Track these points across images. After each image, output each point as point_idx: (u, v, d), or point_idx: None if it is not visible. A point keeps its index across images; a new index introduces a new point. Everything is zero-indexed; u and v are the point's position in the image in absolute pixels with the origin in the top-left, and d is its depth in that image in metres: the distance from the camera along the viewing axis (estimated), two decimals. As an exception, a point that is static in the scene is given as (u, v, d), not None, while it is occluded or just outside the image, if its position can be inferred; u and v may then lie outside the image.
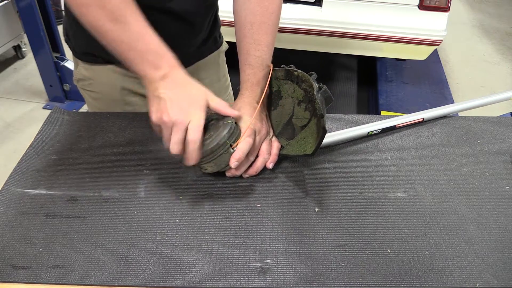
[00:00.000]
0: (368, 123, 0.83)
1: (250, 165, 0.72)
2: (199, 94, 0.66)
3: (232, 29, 0.81)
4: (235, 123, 0.69)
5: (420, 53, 2.13)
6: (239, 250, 0.61)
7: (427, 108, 0.88)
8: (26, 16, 2.23)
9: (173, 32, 0.85)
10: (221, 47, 1.04)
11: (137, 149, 0.79)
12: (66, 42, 0.93)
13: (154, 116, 0.66)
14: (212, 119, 0.70)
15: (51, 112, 0.87)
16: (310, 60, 2.70)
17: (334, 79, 2.74)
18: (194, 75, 0.97)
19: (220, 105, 0.67)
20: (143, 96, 0.94)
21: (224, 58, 1.07)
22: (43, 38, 2.27)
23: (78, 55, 0.91)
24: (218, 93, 1.05)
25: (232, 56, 0.90)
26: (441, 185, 0.73)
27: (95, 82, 0.93)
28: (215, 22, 0.98)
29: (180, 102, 0.64)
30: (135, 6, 0.65)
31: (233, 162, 0.67)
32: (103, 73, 0.90)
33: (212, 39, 0.98)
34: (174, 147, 0.64)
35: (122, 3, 0.64)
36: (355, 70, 2.85)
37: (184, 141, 0.64)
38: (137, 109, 0.94)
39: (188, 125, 0.63)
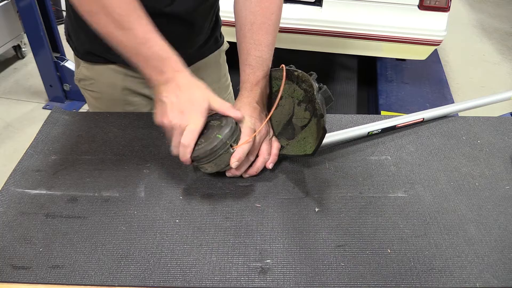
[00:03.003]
0: (368, 123, 0.83)
1: (250, 165, 0.72)
2: (201, 97, 0.68)
3: (233, 29, 0.81)
4: (236, 123, 0.69)
5: (420, 53, 2.13)
6: (239, 250, 0.61)
7: (427, 108, 0.88)
8: (26, 16, 2.23)
9: (174, 35, 0.85)
10: (221, 47, 1.04)
11: (137, 149, 0.79)
12: (68, 42, 0.94)
13: (157, 119, 0.68)
14: (213, 119, 0.70)
15: (51, 112, 0.87)
16: (310, 60, 2.70)
17: (334, 79, 2.74)
18: (195, 74, 0.97)
19: (223, 106, 0.69)
20: (145, 96, 0.94)
21: (225, 58, 1.07)
22: (43, 38, 2.27)
23: (80, 55, 0.91)
24: (218, 93, 1.05)
25: (233, 56, 0.90)
26: (441, 185, 0.73)
27: (96, 82, 0.93)
28: (216, 22, 0.98)
29: (181, 105, 0.66)
30: (142, 12, 0.67)
31: (233, 162, 0.67)
32: (105, 73, 0.90)
33: (213, 39, 0.98)
34: (174, 150, 0.68)
35: (128, 9, 0.66)
36: (355, 70, 2.85)
37: None
38: (138, 109, 0.94)
39: (185, 129, 0.65)
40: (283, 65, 0.75)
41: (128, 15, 0.66)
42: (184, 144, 0.65)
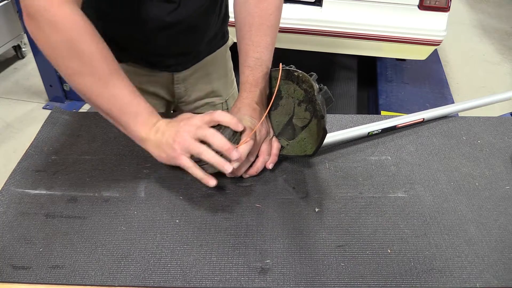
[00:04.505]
0: (368, 123, 0.83)
1: (250, 166, 0.72)
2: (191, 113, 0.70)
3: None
4: None
5: (420, 53, 2.13)
6: (239, 250, 0.61)
7: (427, 108, 0.88)
8: (26, 16, 2.23)
9: (181, 42, 0.86)
10: (227, 42, 1.04)
11: (137, 149, 0.78)
12: None
13: (179, 151, 0.66)
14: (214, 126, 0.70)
15: (51, 112, 0.87)
16: (310, 60, 2.70)
17: (334, 79, 2.74)
18: (203, 69, 0.97)
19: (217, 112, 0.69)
20: (154, 94, 0.94)
21: (230, 53, 1.07)
22: (43, 38, 2.27)
23: None
24: (225, 87, 1.05)
25: (235, 55, 0.90)
26: (441, 185, 0.73)
27: None
28: (225, 16, 0.97)
29: (177, 125, 0.67)
30: (122, 73, 0.67)
31: (234, 163, 0.67)
32: None
33: (220, 34, 0.98)
34: (213, 158, 0.65)
35: (111, 71, 0.66)
36: (355, 70, 2.85)
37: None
38: None
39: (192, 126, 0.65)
40: (281, 64, 0.75)
41: (111, 75, 0.66)
42: (205, 136, 0.64)
